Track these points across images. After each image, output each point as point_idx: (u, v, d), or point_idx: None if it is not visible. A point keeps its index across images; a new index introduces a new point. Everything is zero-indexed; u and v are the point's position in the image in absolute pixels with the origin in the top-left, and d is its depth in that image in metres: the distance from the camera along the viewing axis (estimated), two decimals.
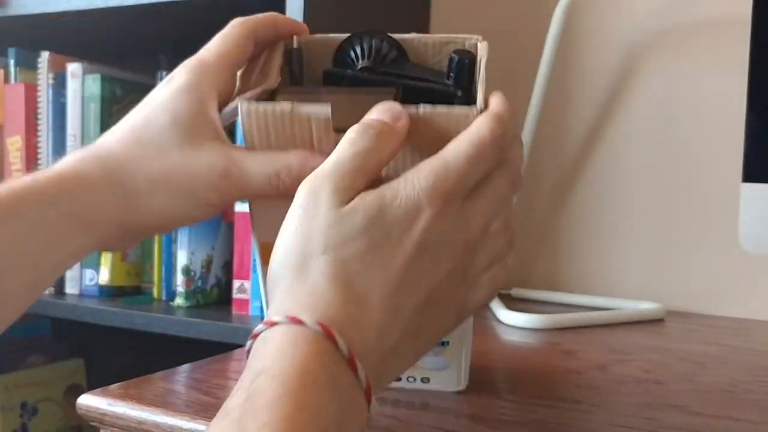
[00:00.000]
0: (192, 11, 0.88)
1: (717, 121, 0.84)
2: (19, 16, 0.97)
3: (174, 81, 0.41)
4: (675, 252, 0.86)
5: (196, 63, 0.42)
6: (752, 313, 0.81)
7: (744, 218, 0.56)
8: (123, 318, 0.91)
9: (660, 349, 0.63)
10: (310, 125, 0.38)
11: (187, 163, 0.40)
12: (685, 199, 0.86)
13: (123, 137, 0.41)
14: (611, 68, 0.89)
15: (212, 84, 0.41)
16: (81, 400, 0.46)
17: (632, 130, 0.88)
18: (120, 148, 0.41)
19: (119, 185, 0.40)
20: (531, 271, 0.95)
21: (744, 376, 0.54)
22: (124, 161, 0.40)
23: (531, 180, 0.92)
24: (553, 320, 0.71)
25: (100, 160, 0.40)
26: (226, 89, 0.43)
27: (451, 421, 0.42)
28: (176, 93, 0.41)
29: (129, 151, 0.40)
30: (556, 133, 0.92)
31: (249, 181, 0.40)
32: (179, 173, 0.40)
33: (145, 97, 0.42)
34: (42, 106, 1.02)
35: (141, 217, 0.41)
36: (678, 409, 0.45)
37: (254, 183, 0.40)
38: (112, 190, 0.40)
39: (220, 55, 0.42)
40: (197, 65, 0.42)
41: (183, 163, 0.40)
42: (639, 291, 0.87)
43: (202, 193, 0.40)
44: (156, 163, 0.40)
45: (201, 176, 0.40)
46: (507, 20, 0.95)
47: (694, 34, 0.85)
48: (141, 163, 0.40)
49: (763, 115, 0.57)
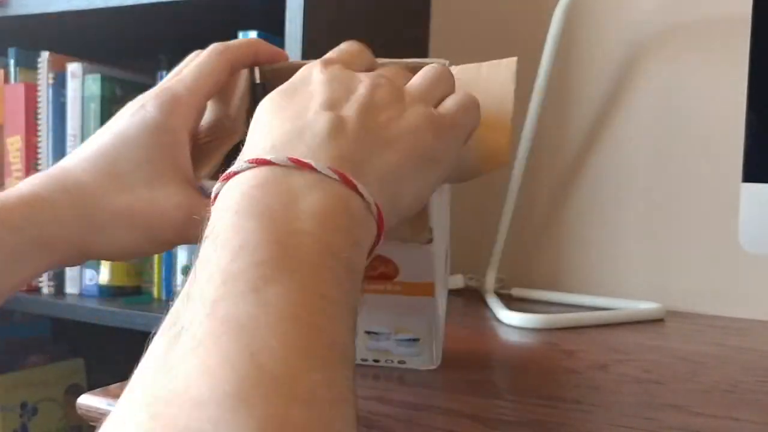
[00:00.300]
0: (192, 11, 0.88)
1: (717, 120, 0.84)
2: (20, 16, 0.97)
3: (147, 115, 0.41)
4: (675, 252, 0.86)
5: (169, 99, 0.41)
6: (752, 313, 0.81)
7: (744, 218, 0.56)
8: (123, 318, 0.91)
9: (660, 349, 0.63)
10: None
11: (154, 201, 0.40)
12: (685, 198, 0.86)
13: (91, 168, 0.41)
14: (611, 68, 0.89)
15: (185, 124, 0.41)
16: (81, 400, 0.46)
17: (632, 129, 0.88)
18: (87, 178, 0.41)
19: (84, 216, 0.40)
20: (531, 271, 0.95)
21: (744, 376, 0.54)
22: (92, 193, 0.40)
23: (531, 180, 0.92)
24: (553, 320, 0.71)
25: (66, 191, 0.40)
26: (197, 123, 0.43)
27: (451, 421, 0.42)
28: (150, 131, 0.41)
29: (96, 183, 0.40)
30: (556, 133, 0.92)
31: None
32: (145, 210, 0.40)
33: (113, 124, 0.42)
34: (42, 106, 1.02)
35: (100, 246, 0.41)
36: (678, 409, 0.45)
37: None
38: (76, 220, 0.40)
39: (195, 93, 0.42)
40: (170, 102, 0.41)
41: (150, 201, 0.40)
42: (639, 291, 0.87)
43: (162, 232, 0.41)
44: (123, 198, 0.40)
45: (166, 216, 0.40)
46: (507, 20, 0.95)
47: (694, 33, 0.85)
48: (108, 196, 0.40)
49: (763, 115, 0.57)
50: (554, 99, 0.91)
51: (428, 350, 0.48)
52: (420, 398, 0.46)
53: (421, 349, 0.48)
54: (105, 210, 0.40)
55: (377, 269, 0.44)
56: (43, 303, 0.99)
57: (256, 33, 0.84)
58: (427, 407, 0.45)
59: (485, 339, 0.66)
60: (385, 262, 0.44)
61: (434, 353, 0.49)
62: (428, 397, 0.46)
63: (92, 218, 0.40)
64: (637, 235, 0.88)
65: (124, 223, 0.40)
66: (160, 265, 0.97)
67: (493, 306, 0.78)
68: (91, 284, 1.00)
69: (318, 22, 0.78)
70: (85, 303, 0.96)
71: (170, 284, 0.96)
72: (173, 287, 0.95)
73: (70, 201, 0.40)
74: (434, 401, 0.45)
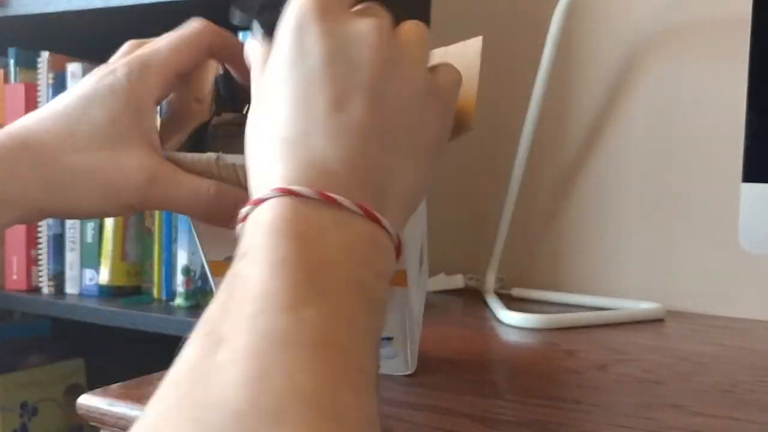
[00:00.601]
0: (192, 11, 0.88)
1: (717, 121, 0.84)
2: (20, 16, 0.97)
3: (115, 80, 0.41)
4: (675, 252, 0.86)
5: (139, 66, 0.41)
6: (752, 313, 0.81)
7: (744, 218, 0.56)
8: (123, 318, 0.91)
9: (660, 349, 0.63)
10: (236, 171, 0.40)
11: (117, 161, 0.40)
12: (685, 199, 0.86)
13: (54, 127, 0.41)
14: (611, 68, 0.89)
15: (152, 93, 0.42)
16: (81, 400, 0.46)
17: (632, 129, 0.88)
18: (49, 137, 0.40)
19: (43, 175, 0.40)
20: (531, 271, 0.95)
21: (744, 376, 0.54)
22: (53, 151, 0.40)
23: (531, 180, 0.92)
24: (553, 320, 0.71)
25: (26, 148, 0.40)
26: (164, 94, 0.43)
27: (451, 421, 0.42)
28: (117, 94, 0.41)
29: (58, 141, 0.40)
30: (556, 133, 0.92)
31: (175, 189, 0.40)
32: (106, 170, 0.40)
33: (80, 86, 0.42)
34: (42, 106, 1.02)
35: (59, 205, 0.41)
36: (678, 409, 0.45)
37: (180, 192, 0.40)
38: (35, 178, 0.40)
39: (167, 65, 0.42)
40: (140, 69, 0.41)
41: (112, 161, 0.40)
42: (639, 291, 0.87)
43: (123, 194, 0.40)
44: (85, 157, 0.40)
45: (127, 176, 0.40)
46: (507, 20, 0.95)
47: (694, 34, 0.85)
48: (69, 155, 0.40)
49: (763, 115, 0.57)
50: (554, 99, 0.91)
51: (403, 353, 0.47)
52: (420, 398, 0.46)
53: (395, 351, 0.47)
54: (65, 169, 0.40)
55: None
56: (43, 303, 0.99)
57: None
58: (427, 407, 0.45)
59: (485, 339, 0.66)
60: None
61: (409, 357, 0.48)
62: (428, 396, 0.46)
63: (52, 177, 0.40)
64: (637, 235, 0.88)
65: (85, 183, 0.40)
66: (160, 265, 0.97)
67: (493, 306, 0.78)
68: (91, 284, 1.00)
69: None
70: (85, 303, 0.96)
71: (170, 284, 0.96)
72: (173, 287, 0.95)
73: (30, 159, 0.40)
74: (434, 401, 0.45)
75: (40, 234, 1.03)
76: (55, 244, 1.02)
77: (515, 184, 0.85)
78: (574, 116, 0.92)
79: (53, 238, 1.02)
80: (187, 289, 0.92)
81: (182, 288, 0.93)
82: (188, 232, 0.93)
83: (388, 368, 0.48)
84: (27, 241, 1.02)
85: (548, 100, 0.88)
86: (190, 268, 0.93)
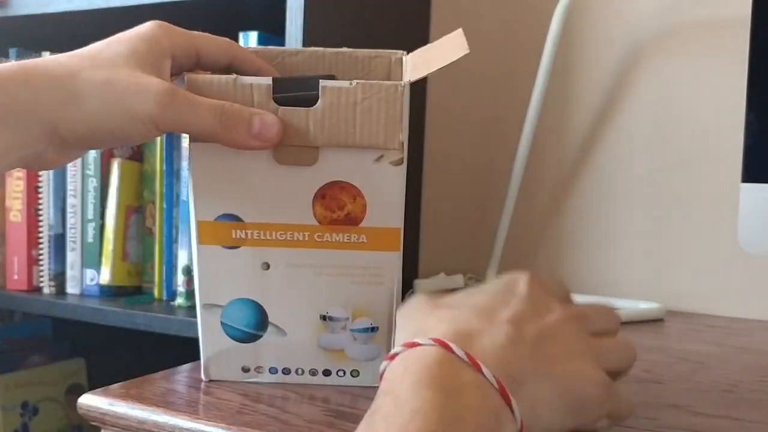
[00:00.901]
0: (192, 11, 0.89)
1: (717, 121, 0.84)
2: (20, 16, 0.97)
3: (142, 29, 0.43)
4: (675, 252, 0.86)
5: (168, 25, 0.44)
6: (752, 313, 0.81)
7: (744, 218, 0.56)
8: (124, 318, 0.91)
9: (660, 349, 0.63)
10: (251, 92, 0.42)
11: (136, 76, 0.40)
12: (685, 199, 0.86)
13: (75, 53, 0.41)
14: (611, 68, 0.90)
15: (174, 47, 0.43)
16: (82, 399, 0.46)
17: (632, 129, 0.88)
18: (67, 59, 0.41)
19: (57, 84, 0.39)
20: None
21: (744, 376, 0.54)
22: (70, 69, 0.40)
23: (531, 180, 0.92)
24: None
25: (43, 64, 0.40)
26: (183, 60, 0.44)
27: None
28: (141, 36, 0.42)
29: (78, 61, 0.40)
30: (556, 132, 0.93)
31: (193, 105, 0.40)
32: (124, 82, 0.39)
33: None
34: None
35: (73, 119, 0.39)
36: (678, 409, 0.46)
37: (198, 109, 0.40)
38: (49, 90, 0.39)
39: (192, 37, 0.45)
40: (168, 27, 0.44)
41: (131, 76, 0.40)
42: (639, 291, 0.87)
43: (141, 106, 0.39)
44: (103, 72, 0.40)
45: (146, 86, 0.39)
46: (507, 20, 0.95)
47: (694, 34, 0.85)
48: (86, 71, 0.40)
49: (762, 115, 0.57)
50: (554, 99, 0.91)
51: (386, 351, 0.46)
52: None
53: (378, 349, 0.46)
54: (82, 81, 0.39)
55: (344, 209, 0.44)
56: (44, 303, 0.99)
57: (257, 33, 0.84)
58: None
59: None
60: (353, 197, 0.44)
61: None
62: None
63: (66, 86, 0.39)
64: (637, 235, 0.88)
65: (102, 94, 0.39)
66: (161, 265, 0.97)
67: None
68: (92, 284, 1.00)
69: (318, 22, 0.79)
70: (86, 303, 0.96)
71: (171, 284, 0.96)
72: (174, 287, 0.95)
73: (46, 72, 0.39)
74: None
75: (41, 234, 1.03)
76: (56, 244, 1.02)
77: (515, 184, 0.85)
78: (574, 116, 0.92)
79: (54, 238, 1.02)
80: (188, 289, 0.92)
81: (183, 288, 0.93)
82: (189, 233, 0.93)
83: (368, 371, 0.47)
84: (28, 241, 1.03)
85: (548, 100, 0.88)
86: (190, 268, 0.93)
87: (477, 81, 0.97)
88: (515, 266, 0.96)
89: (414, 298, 0.40)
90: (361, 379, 0.47)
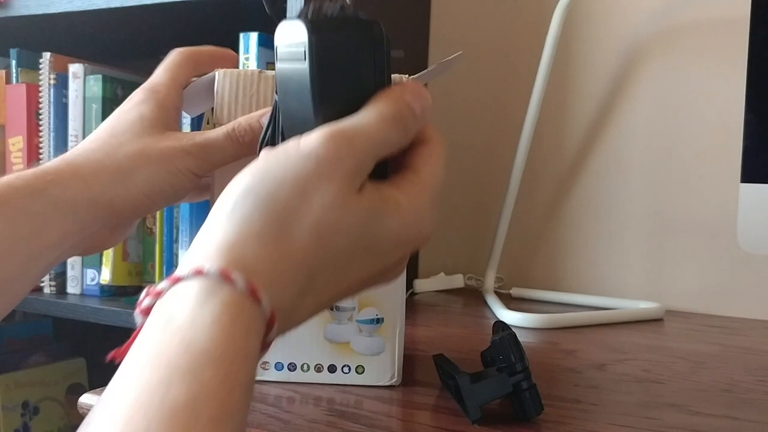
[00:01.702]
0: (192, 11, 0.89)
1: (716, 121, 0.84)
2: (21, 16, 0.97)
3: (134, 98, 0.46)
4: (675, 252, 0.87)
5: (148, 86, 0.46)
6: (752, 313, 0.81)
7: (743, 218, 0.56)
8: (124, 317, 0.91)
9: (659, 349, 0.63)
10: (275, 83, 0.43)
11: (158, 140, 0.43)
12: (685, 199, 0.86)
13: (93, 137, 0.45)
14: (611, 68, 0.90)
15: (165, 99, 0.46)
16: (83, 399, 0.46)
17: (631, 130, 0.89)
18: (92, 144, 0.44)
19: (102, 168, 0.42)
20: (530, 271, 0.95)
21: (743, 376, 0.54)
22: (102, 149, 0.43)
23: (531, 180, 0.92)
24: (553, 320, 0.71)
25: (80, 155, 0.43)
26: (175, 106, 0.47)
27: (452, 420, 0.42)
28: (139, 102, 0.45)
29: (104, 143, 0.43)
30: (556, 133, 0.93)
31: (213, 140, 0.43)
32: (154, 148, 0.43)
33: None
34: (44, 106, 1.02)
35: (127, 193, 0.42)
36: (677, 409, 0.46)
37: (218, 141, 0.43)
38: (95, 173, 0.42)
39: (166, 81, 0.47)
40: (150, 87, 0.46)
41: (155, 141, 0.43)
42: (638, 291, 0.87)
43: (179, 161, 0.43)
44: (131, 145, 0.43)
45: (174, 147, 0.43)
46: (507, 20, 0.95)
47: (693, 34, 0.85)
48: (117, 148, 0.43)
49: (761, 115, 0.57)
50: (554, 99, 0.91)
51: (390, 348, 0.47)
52: (420, 397, 0.46)
53: (383, 344, 0.46)
54: (119, 157, 0.43)
55: None
56: (45, 302, 0.99)
57: (257, 33, 0.84)
58: (428, 406, 0.45)
59: (485, 339, 0.66)
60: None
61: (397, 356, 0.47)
62: (428, 395, 0.46)
63: (110, 168, 0.42)
64: (637, 235, 0.89)
65: (142, 164, 0.42)
66: (161, 265, 0.97)
67: (492, 306, 0.78)
68: (93, 284, 1.00)
69: None
70: (87, 303, 0.96)
71: None
72: None
73: (86, 162, 0.42)
74: (434, 400, 0.46)
75: None
76: None
77: (515, 184, 0.86)
78: (574, 116, 0.92)
79: None
80: None
81: None
82: (189, 233, 0.93)
83: (373, 367, 0.47)
84: None
85: (548, 100, 0.88)
86: None
87: (477, 81, 0.97)
88: (515, 266, 0.97)
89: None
90: (366, 377, 0.47)
